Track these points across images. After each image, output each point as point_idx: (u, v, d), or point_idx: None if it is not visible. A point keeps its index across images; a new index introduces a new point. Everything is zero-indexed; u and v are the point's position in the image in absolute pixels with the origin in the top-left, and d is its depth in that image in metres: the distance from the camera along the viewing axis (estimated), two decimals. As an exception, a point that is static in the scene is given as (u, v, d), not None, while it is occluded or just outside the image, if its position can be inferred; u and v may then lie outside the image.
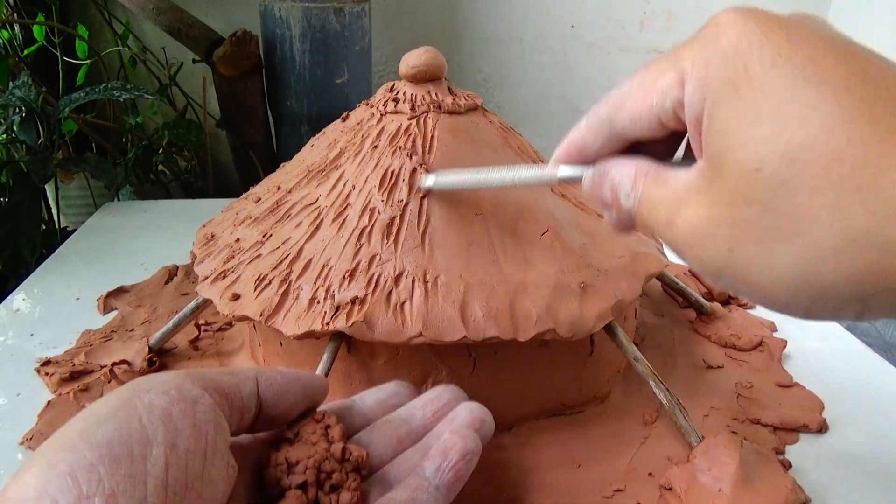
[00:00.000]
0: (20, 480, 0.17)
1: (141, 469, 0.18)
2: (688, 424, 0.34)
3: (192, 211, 0.72)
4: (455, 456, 0.25)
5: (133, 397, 0.19)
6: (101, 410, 0.19)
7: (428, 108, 0.38)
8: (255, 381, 0.24)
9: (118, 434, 0.18)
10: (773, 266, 0.18)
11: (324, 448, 0.24)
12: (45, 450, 0.18)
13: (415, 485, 0.24)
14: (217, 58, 0.84)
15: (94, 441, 0.18)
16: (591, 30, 1.17)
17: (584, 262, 0.36)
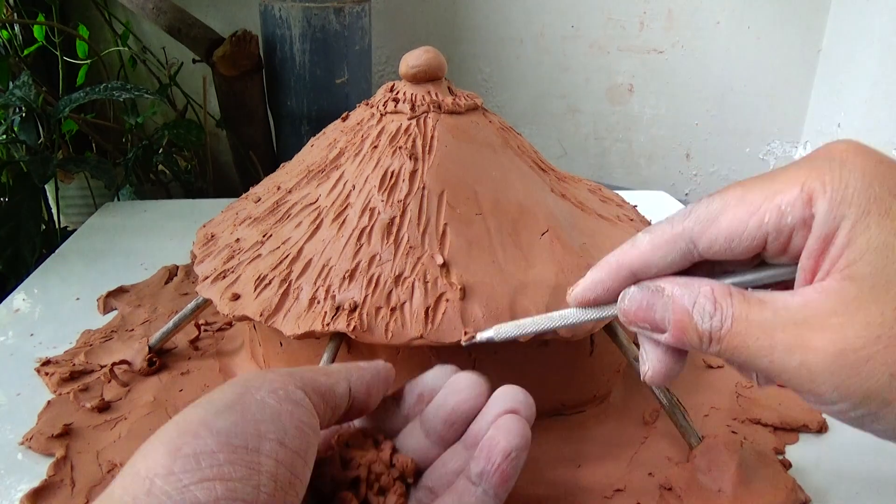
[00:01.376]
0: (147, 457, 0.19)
1: (256, 460, 0.19)
2: (688, 424, 0.34)
3: (192, 211, 0.72)
4: (498, 458, 0.24)
5: (246, 393, 0.21)
6: (219, 402, 0.21)
7: (428, 108, 0.38)
8: (348, 382, 0.25)
9: (235, 427, 0.20)
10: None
11: (374, 453, 0.25)
12: (168, 432, 0.20)
13: (461, 489, 0.24)
14: (217, 58, 0.84)
15: (214, 430, 0.19)
16: (591, 30, 1.18)
17: (584, 262, 0.36)
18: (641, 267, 0.23)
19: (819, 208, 0.19)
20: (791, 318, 0.19)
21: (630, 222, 0.44)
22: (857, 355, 0.18)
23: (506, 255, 0.34)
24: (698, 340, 0.21)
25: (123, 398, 0.39)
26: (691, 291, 0.22)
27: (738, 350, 0.20)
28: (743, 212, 0.21)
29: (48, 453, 0.35)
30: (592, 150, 1.28)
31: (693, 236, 0.22)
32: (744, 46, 1.18)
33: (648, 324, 0.23)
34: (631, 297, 0.23)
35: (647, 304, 0.23)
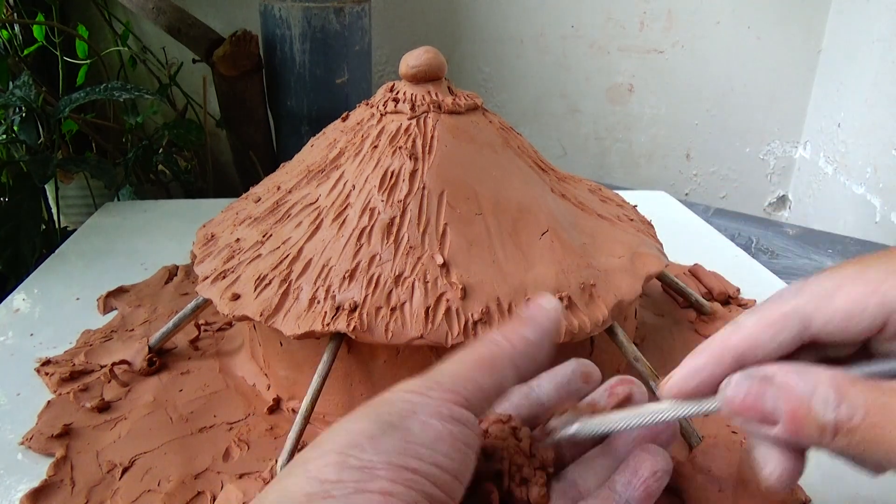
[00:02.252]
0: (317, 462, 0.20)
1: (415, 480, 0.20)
2: (688, 424, 0.34)
3: (192, 211, 0.72)
4: (645, 473, 0.24)
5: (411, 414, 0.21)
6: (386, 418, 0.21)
7: (428, 108, 0.38)
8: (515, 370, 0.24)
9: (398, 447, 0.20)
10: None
11: (514, 444, 0.25)
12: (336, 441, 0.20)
13: (605, 495, 0.24)
14: (217, 58, 0.84)
15: (379, 448, 0.20)
16: (591, 30, 1.18)
17: (584, 262, 0.36)
18: (748, 350, 0.22)
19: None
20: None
21: (630, 222, 0.44)
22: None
23: (506, 255, 0.34)
24: (818, 433, 0.19)
25: (123, 398, 0.39)
26: (808, 380, 0.20)
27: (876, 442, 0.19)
28: (862, 289, 0.20)
29: (48, 453, 0.35)
30: (592, 150, 1.28)
31: (806, 314, 0.21)
32: (744, 46, 1.18)
33: (756, 416, 0.21)
34: (736, 385, 0.21)
35: (756, 392, 0.20)
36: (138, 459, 0.34)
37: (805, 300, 0.21)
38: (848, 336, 0.21)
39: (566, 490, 0.25)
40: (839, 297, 0.21)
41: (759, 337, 0.22)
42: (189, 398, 0.39)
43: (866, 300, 0.20)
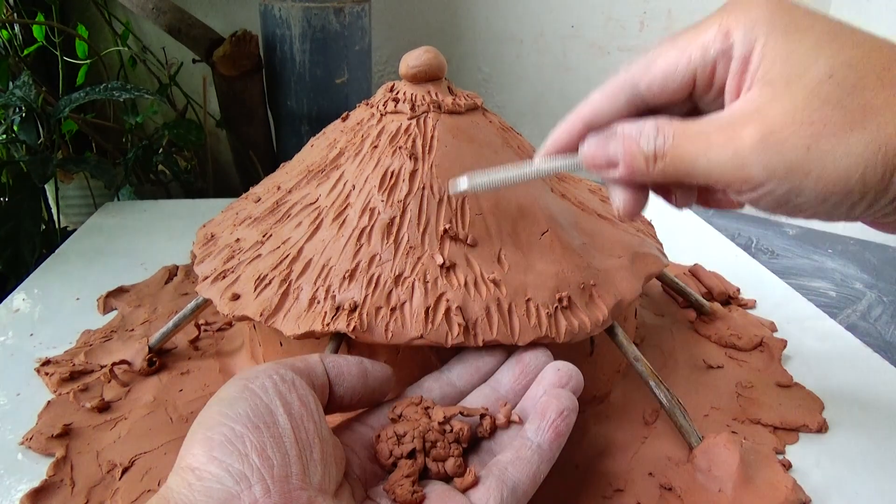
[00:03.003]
0: (188, 454, 0.22)
1: (276, 432, 0.23)
2: (688, 424, 0.34)
3: (192, 211, 0.72)
4: (552, 414, 0.27)
5: (247, 383, 0.24)
6: (227, 396, 0.24)
7: (428, 108, 0.38)
8: (322, 363, 0.28)
9: (250, 409, 0.23)
10: (848, 153, 0.21)
11: (426, 422, 0.27)
12: (196, 430, 0.23)
13: (518, 444, 0.27)
14: (217, 58, 0.84)
15: (234, 416, 0.23)
16: (591, 30, 1.17)
17: (584, 262, 0.36)
18: (594, 116, 0.27)
19: (736, 37, 0.23)
20: (723, 122, 0.23)
21: (630, 222, 0.44)
22: (777, 136, 0.22)
23: (506, 256, 0.34)
24: (645, 163, 0.25)
25: (123, 398, 0.39)
26: (638, 125, 0.25)
27: (680, 159, 0.24)
28: (673, 54, 0.25)
29: (48, 453, 0.35)
30: (592, 150, 1.28)
31: (634, 81, 0.26)
32: (744, 46, 1.18)
33: (604, 161, 0.26)
34: (588, 141, 0.27)
35: (602, 144, 0.26)
36: (138, 459, 0.34)
37: (633, 70, 0.26)
38: (668, 94, 0.25)
39: (483, 458, 0.28)
40: (657, 62, 0.25)
41: (600, 104, 0.27)
42: (189, 398, 0.39)
43: (676, 62, 0.25)
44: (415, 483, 0.25)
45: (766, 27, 0.23)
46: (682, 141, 0.24)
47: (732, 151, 0.23)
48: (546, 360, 0.31)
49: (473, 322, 0.32)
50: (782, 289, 0.56)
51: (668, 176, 0.25)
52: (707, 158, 0.23)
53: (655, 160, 0.25)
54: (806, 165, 0.22)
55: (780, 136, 0.22)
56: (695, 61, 0.24)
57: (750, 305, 0.52)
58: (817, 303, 0.54)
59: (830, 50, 0.22)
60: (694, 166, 0.24)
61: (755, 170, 0.22)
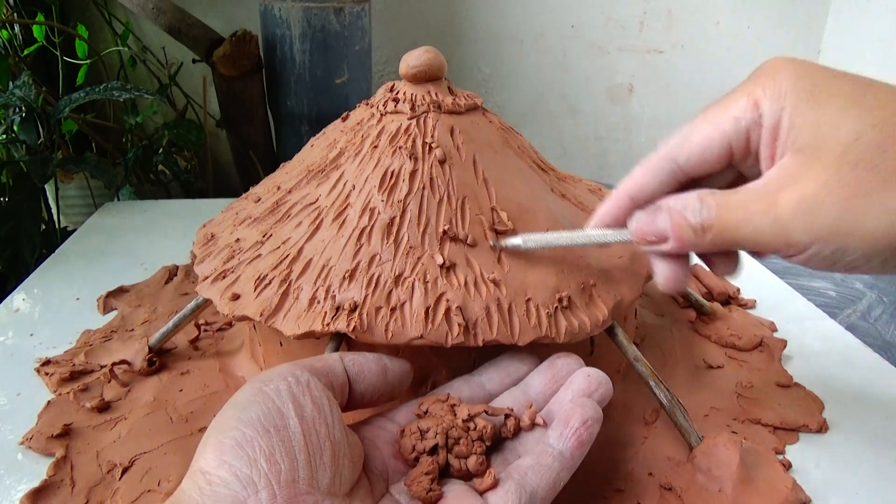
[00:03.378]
0: (201, 457, 0.23)
1: (286, 436, 0.23)
2: (688, 424, 0.34)
3: (192, 211, 0.72)
4: (576, 423, 0.27)
5: (261, 386, 0.25)
6: (241, 400, 0.24)
7: (428, 108, 0.38)
8: (341, 361, 0.28)
9: (262, 414, 0.23)
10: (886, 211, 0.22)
11: (450, 419, 0.27)
12: (210, 433, 0.24)
13: (539, 450, 0.27)
14: (217, 58, 0.84)
15: (245, 421, 0.23)
16: (591, 30, 1.17)
17: (584, 262, 0.36)
18: (638, 191, 0.29)
19: (764, 107, 0.25)
20: (761, 191, 0.25)
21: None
22: (814, 200, 0.23)
23: (506, 256, 0.34)
24: (694, 235, 0.26)
25: (123, 398, 0.39)
26: (682, 199, 0.27)
27: (727, 230, 0.25)
28: (707, 127, 0.26)
29: (48, 453, 0.35)
30: (592, 150, 1.28)
31: (673, 156, 0.27)
32: (744, 46, 1.18)
33: (654, 236, 0.28)
34: (636, 218, 0.28)
35: (650, 219, 0.28)
36: (138, 459, 0.34)
37: (671, 144, 0.28)
38: (707, 166, 0.27)
39: (507, 458, 0.28)
40: (693, 137, 0.27)
41: (642, 179, 0.28)
42: (189, 398, 0.39)
43: (711, 136, 0.26)
44: (433, 481, 0.25)
45: (792, 95, 0.24)
46: (725, 212, 0.25)
47: (773, 219, 0.24)
48: (577, 365, 0.31)
49: (473, 322, 0.32)
50: (782, 289, 0.56)
51: (718, 245, 0.26)
52: (751, 227, 0.25)
53: (704, 232, 0.26)
54: (846, 226, 0.23)
55: (816, 201, 0.23)
56: (728, 133, 0.26)
57: (750, 305, 0.52)
58: (817, 303, 0.54)
59: (856, 112, 0.23)
60: (740, 235, 0.25)
61: (797, 235, 0.24)
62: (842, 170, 0.23)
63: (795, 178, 0.24)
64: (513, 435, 0.29)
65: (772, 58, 0.26)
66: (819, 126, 0.23)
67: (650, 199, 0.28)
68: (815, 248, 0.23)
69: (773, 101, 0.24)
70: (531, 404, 0.29)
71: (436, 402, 0.29)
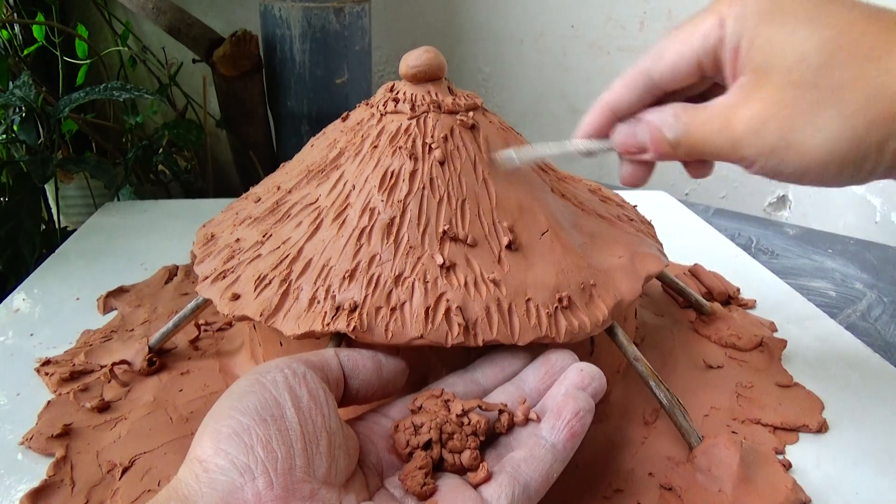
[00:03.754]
0: (198, 446, 0.23)
1: (283, 425, 0.23)
2: (688, 424, 0.34)
3: (192, 211, 0.72)
4: (567, 414, 0.27)
5: (258, 377, 0.25)
6: (237, 390, 0.25)
7: (428, 108, 0.38)
8: (336, 357, 0.28)
9: (258, 403, 0.24)
10: (820, 129, 0.24)
11: (444, 414, 0.27)
12: (207, 422, 0.24)
13: (532, 443, 0.27)
14: (217, 58, 0.84)
15: (242, 410, 0.23)
16: (591, 30, 1.17)
17: (584, 262, 0.36)
18: (617, 103, 0.30)
19: (728, 26, 0.26)
20: (720, 109, 0.26)
21: (630, 222, 0.44)
22: (759, 119, 0.25)
23: (506, 256, 0.34)
24: (670, 148, 0.28)
25: (123, 398, 0.39)
26: (660, 114, 0.29)
27: (694, 145, 0.27)
28: (679, 44, 0.28)
29: (48, 453, 0.35)
30: (592, 150, 1.28)
31: (649, 71, 0.29)
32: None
33: (635, 148, 0.30)
34: (619, 130, 0.30)
35: (631, 132, 0.30)
36: (138, 459, 0.34)
37: (647, 60, 0.29)
38: (679, 80, 0.28)
39: (500, 452, 0.28)
40: (666, 53, 0.28)
41: (622, 92, 0.30)
42: (189, 398, 0.39)
43: (681, 52, 0.27)
44: (427, 475, 0.25)
45: (753, 14, 0.25)
46: (694, 128, 0.27)
47: (727, 136, 0.26)
48: (572, 360, 0.31)
49: (473, 322, 0.32)
50: (782, 289, 0.56)
51: (689, 157, 0.29)
52: (712, 144, 0.27)
53: (677, 145, 0.28)
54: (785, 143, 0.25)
55: (761, 120, 0.25)
56: (696, 50, 0.27)
57: (750, 305, 0.52)
58: (817, 303, 0.54)
59: (805, 33, 0.24)
60: (704, 149, 0.27)
61: (746, 151, 0.26)
62: (785, 90, 0.24)
63: (747, 98, 0.25)
64: (506, 430, 0.29)
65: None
66: (772, 46, 0.25)
67: (629, 111, 0.30)
68: (760, 162, 0.26)
69: (736, 20, 0.25)
70: (524, 400, 0.29)
71: (430, 397, 0.29)
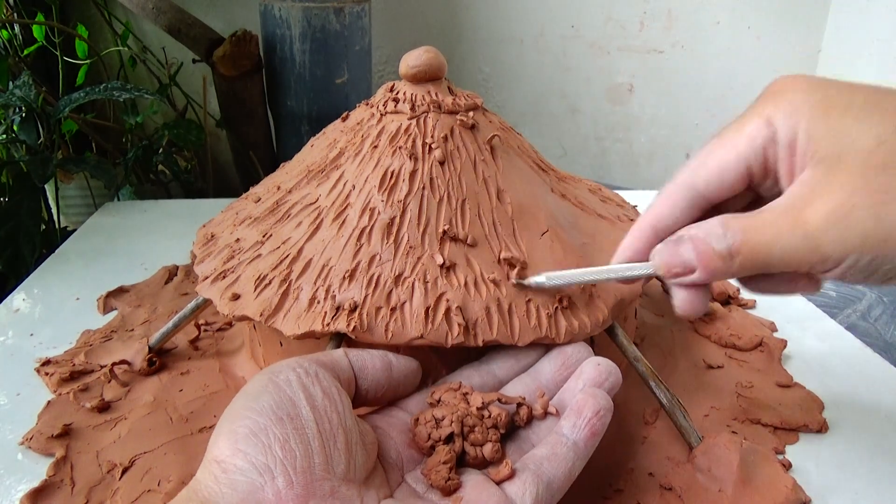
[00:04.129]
0: (215, 447, 0.23)
1: (299, 424, 0.23)
2: (688, 424, 0.34)
3: (192, 211, 0.72)
4: (588, 413, 0.27)
5: (272, 377, 0.25)
6: (252, 390, 0.24)
7: (428, 108, 0.38)
8: (346, 357, 0.28)
9: (274, 402, 0.24)
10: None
11: (465, 407, 0.27)
12: (223, 423, 0.24)
13: (553, 440, 0.27)
14: (217, 58, 0.84)
15: (258, 409, 0.23)
16: (591, 30, 1.17)
17: (585, 262, 0.36)
18: (659, 222, 0.28)
19: (778, 123, 0.25)
20: (786, 207, 0.24)
21: (630, 222, 0.44)
22: (843, 209, 0.22)
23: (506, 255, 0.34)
24: (722, 262, 0.25)
25: (123, 398, 0.39)
26: (704, 227, 0.26)
27: (756, 252, 0.24)
28: (723, 149, 0.26)
29: (48, 453, 0.35)
30: (592, 150, 1.28)
31: (691, 182, 0.27)
32: (744, 46, 1.18)
33: (680, 268, 0.26)
34: (659, 251, 0.27)
35: (673, 251, 0.27)
36: (138, 459, 0.34)
37: (688, 170, 0.27)
38: (726, 189, 0.26)
39: (521, 446, 0.28)
40: (710, 160, 0.26)
41: (662, 209, 0.28)
42: (189, 398, 0.39)
43: (727, 157, 0.26)
44: (451, 469, 0.25)
45: (805, 108, 0.24)
46: (752, 234, 0.24)
47: (802, 234, 0.23)
48: (587, 353, 0.32)
49: (473, 322, 0.32)
50: (782, 289, 0.56)
51: (748, 270, 0.25)
52: (780, 246, 0.24)
53: (731, 257, 0.25)
54: (881, 233, 0.22)
55: (846, 210, 0.22)
56: (744, 154, 0.25)
57: (750, 305, 0.52)
58: (817, 303, 0.54)
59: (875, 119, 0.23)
60: (770, 256, 0.24)
61: (830, 247, 0.23)
62: (868, 175, 0.22)
63: (820, 189, 0.23)
64: (525, 423, 0.29)
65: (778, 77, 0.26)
66: (838, 135, 0.23)
67: (672, 228, 0.28)
68: (850, 260, 0.23)
69: (787, 116, 0.24)
70: (543, 393, 0.29)
71: (448, 390, 0.29)
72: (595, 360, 0.30)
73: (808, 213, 0.23)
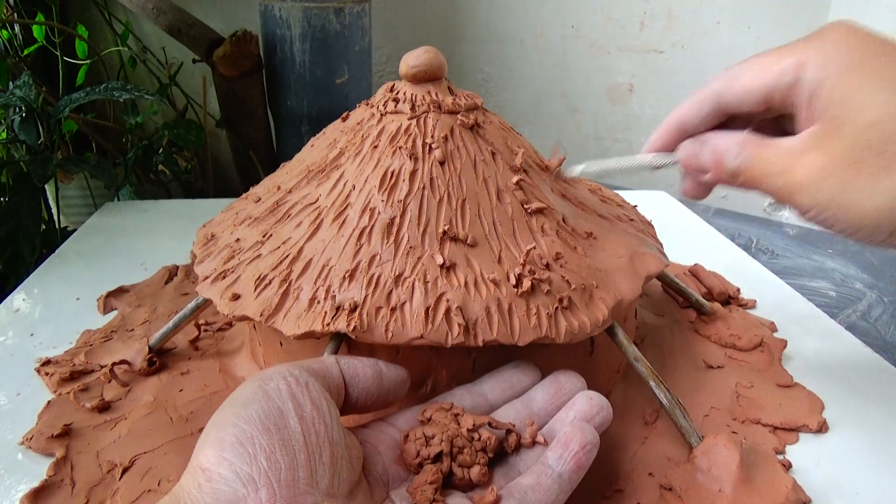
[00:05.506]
0: (201, 454, 0.23)
1: (286, 435, 0.23)
2: (688, 424, 0.34)
3: (192, 211, 0.72)
4: (575, 446, 0.28)
5: (262, 385, 0.25)
6: (241, 397, 0.24)
7: (428, 108, 0.38)
8: (337, 364, 0.28)
9: (262, 412, 0.24)
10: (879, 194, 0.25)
11: (455, 428, 0.27)
12: (209, 430, 0.24)
13: (539, 470, 0.27)
14: (217, 58, 0.84)
15: (246, 418, 0.23)
16: (591, 30, 1.17)
17: (585, 262, 0.36)
18: (685, 122, 0.32)
19: (809, 71, 0.27)
20: (786, 152, 0.27)
21: (630, 222, 0.44)
22: (822, 172, 0.26)
23: (506, 256, 0.34)
24: (728, 177, 0.30)
25: (123, 398, 0.39)
26: (726, 141, 0.30)
27: (753, 179, 0.29)
28: (753, 73, 0.29)
29: (48, 453, 0.35)
30: (592, 150, 1.28)
31: (719, 94, 0.30)
32: (744, 46, 1.18)
33: (695, 167, 0.31)
34: (685, 147, 0.32)
35: (696, 152, 0.31)
36: (138, 459, 0.34)
37: (719, 82, 0.30)
38: (746, 108, 0.29)
39: (507, 472, 0.28)
40: (740, 80, 0.29)
41: (689, 111, 0.31)
42: (189, 398, 0.39)
43: (755, 83, 0.29)
44: (437, 490, 0.25)
45: (836, 66, 0.26)
46: (757, 163, 0.28)
47: (786, 181, 0.27)
48: (580, 384, 0.32)
49: (473, 322, 0.32)
50: (782, 289, 0.56)
51: (746, 188, 0.30)
52: (770, 181, 0.28)
53: (735, 176, 0.29)
54: (842, 200, 0.26)
55: (824, 173, 0.26)
56: (769, 84, 0.28)
57: (750, 305, 0.52)
58: (817, 303, 0.54)
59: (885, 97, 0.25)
60: (761, 186, 0.29)
61: (801, 198, 0.27)
62: (853, 150, 0.25)
63: (815, 146, 0.26)
64: (513, 450, 0.29)
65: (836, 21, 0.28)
66: (850, 102, 0.25)
67: (698, 128, 0.31)
68: (813, 212, 0.27)
69: (818, 67, 0.26)
70: (532, 422, 0.30)
71: (439, 409, 0.29)
72: (588, 394, 0.31)
73: (797, 164, 0.27)
